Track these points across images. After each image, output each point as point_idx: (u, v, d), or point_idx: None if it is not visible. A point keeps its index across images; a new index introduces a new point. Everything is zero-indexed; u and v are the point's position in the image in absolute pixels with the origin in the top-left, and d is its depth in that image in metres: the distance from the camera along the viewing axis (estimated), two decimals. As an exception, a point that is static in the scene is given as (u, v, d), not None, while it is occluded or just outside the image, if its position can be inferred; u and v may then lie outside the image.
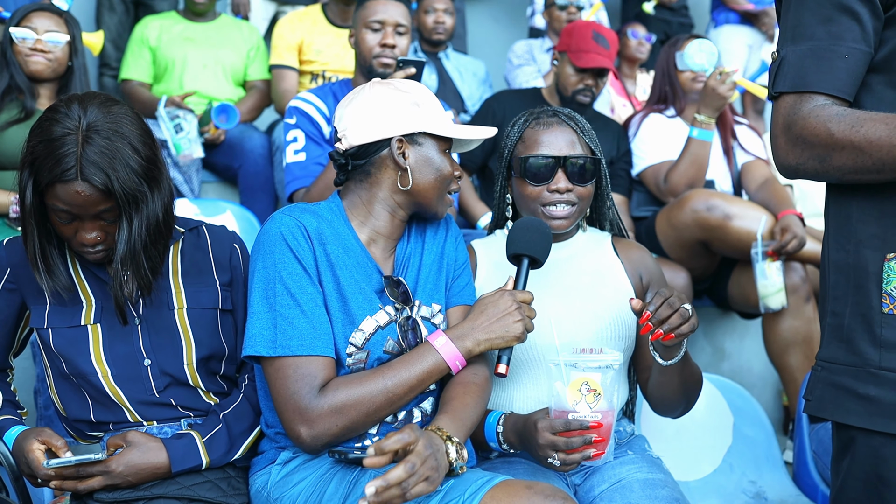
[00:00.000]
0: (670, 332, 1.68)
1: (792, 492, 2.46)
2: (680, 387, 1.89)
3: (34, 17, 3.08)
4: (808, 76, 1.40)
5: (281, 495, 1.71)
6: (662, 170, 3.37)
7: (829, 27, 1.40)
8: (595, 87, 3.39)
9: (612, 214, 2.07)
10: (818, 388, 1.47)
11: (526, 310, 1.75)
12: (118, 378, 1.78)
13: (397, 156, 1.77)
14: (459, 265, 1.91)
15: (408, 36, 3.04)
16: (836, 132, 1.36)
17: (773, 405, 3.61)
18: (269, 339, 1.66)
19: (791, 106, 1.42)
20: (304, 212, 1.76)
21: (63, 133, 1.61)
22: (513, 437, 1.81)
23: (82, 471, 1.68)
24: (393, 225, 1.83)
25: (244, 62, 4.09)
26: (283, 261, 1.69)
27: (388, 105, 1.77)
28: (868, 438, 1.40)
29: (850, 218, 1.44)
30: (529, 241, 1.81)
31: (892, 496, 1.39)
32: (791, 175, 1.46)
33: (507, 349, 1.74)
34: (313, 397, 1.62)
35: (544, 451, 1.71)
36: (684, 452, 2.47)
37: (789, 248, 3.00)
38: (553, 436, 1.70)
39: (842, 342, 1.44)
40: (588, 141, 1.95)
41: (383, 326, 1.74)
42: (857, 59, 1.40)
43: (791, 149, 1.42)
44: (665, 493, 1.78)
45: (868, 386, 1.39)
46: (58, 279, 1.74)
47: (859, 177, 1.38)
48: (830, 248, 1.48)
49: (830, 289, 1.48)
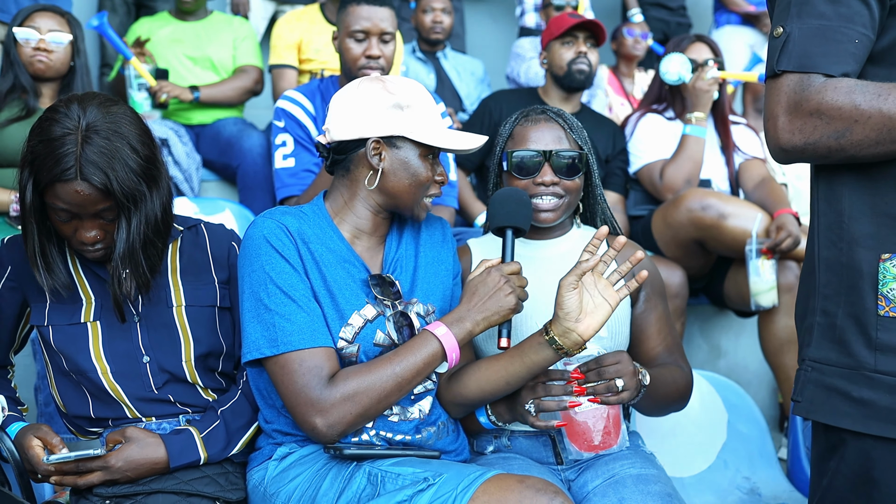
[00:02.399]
0: (595, 396, 1.76)
1: (786, 488, 2.47)
2: (654, 406, 1.98)
3: (37, 17, 3.10)
4: (815, 57, 1.33)
5: (277, 490, 1.73)
6: (658, 168, 3.39)
7: (838, 7, 1.33)
8: (589, 54, 3.40)
9: (606, 212, 2.08)
10: (808, 390, 1.43)
11: (516, 279, 1.75)
12: (117, 375, 1.80)
13: (371, 157, 1.77)
14: (455, 275, 1.94)
15: (394, 42, 2.97)
16: (861, 103, 1.29)
17: (768, 402, 3.62)
18: (269, 338, 1.67)
19: (797, 83, 1.34)
20: (285, 214, 1.77)
21: (62, 133, 1.63)
22: (502, 406, 1.84)
23: (82, 466, 1.70)
24: (374, 222, 1.83)
25: (231, 53, 4.06)
26: (270, 262, 1.70)
27: (369, 104, 1.77)
28: (859, 441, 1.37)
29: (842, 215, 1.39)
30: (510, 212, 1.80)
31: (880, 497, 1.37)
32: (792, 158, 1.38)
33: (506, 322, 1.75)
34: (324, 388, 1.64)
35: (523, 398, 1.76)
36: (679, 449, 2.48)
37: (784, 246, 3.01)
38: (531, 385, 1.76)
39: (834, 343, 1.40)
40: (576, 137, 1.97)
41: (371, 320, 1.75)
42: (864, 46, 1.34)
43: (799, 128, 1.34)
44: (658, 489, 1.79)
45: (862, 389, 1.35)
46: (57, 277, 1.76)
47: (878, 150, 1.31)
48: (820, 245, 1.43)
49: (821, 287, 1.43)
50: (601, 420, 1.78)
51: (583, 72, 3.39)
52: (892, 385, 1.33)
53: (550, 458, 1.93)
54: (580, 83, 3.40)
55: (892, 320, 1.34)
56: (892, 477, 1.36)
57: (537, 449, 1.93)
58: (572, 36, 3.41)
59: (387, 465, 1.65)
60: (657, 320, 2.01)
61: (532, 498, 1.51)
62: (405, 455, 1.70)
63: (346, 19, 2.95)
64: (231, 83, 3.98)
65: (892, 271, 1.34)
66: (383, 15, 2.93)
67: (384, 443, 1.75)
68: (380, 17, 2.92)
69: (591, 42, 3.43)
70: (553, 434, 1.92)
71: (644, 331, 2.01)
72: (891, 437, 1.34)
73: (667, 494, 1.79)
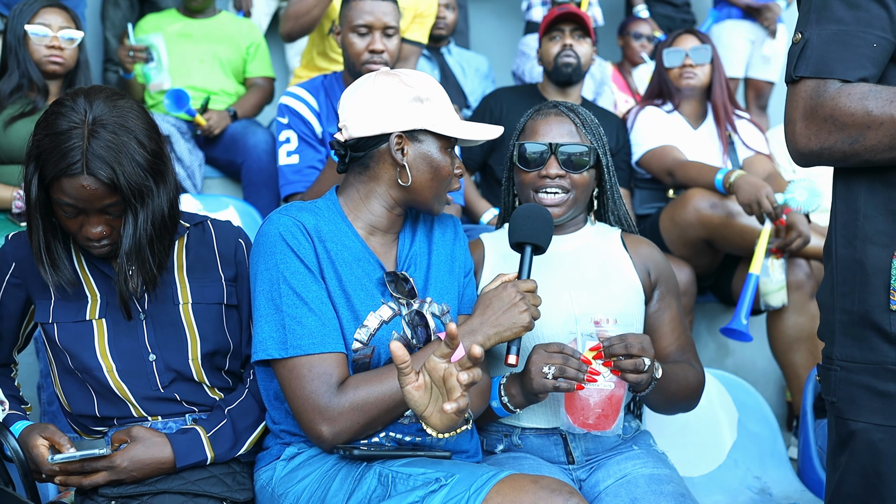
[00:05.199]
0: (616, 370, 1.74)
1: (797, 487, 2.45)
2: (664, 404, 1.97)
3: (45, 13, 3.06)
4: (832, 62, 1.37)
5: (286, 491, 1.71)
6: (663, 154, 3.36)
7: (857, 12, 1.36)
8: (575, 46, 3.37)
9: (620, 210, 2.07)
10: (841, 389, 1.45)
11: (531, 298, 1.75)
12: (123, 373, 1.78)
13: (395, 152, 1.75)
14: (467, 272, 1.92)
15: (397, 36, 2.95)
16: (874, 109, 1.33)
17: (776, 401, 3.60)
18: (279, 340, 1.65)
19: (813, 89, 1.38)
20: (302, 210, 1.75)
21: (69, 127, 1.61)
22: (513, 387, 1.81)
23: (87, 466, 1.68)
24: (390, 219, 1.82)
25: (243, 58, 4.09)
26: (285, 261, 1.68)
27: (389, 99, 1.75)
28: (867, 434, 1.40)
29: (858, 213, 1.43)
30: (531, 228, 1.80)
31: (888, 492, 1.39)
32: (810, 162, 1.42)
33: (516, 339, 1.74)
34: (332, 395, 1.62)
35: (537, 364, 1.73)
36: (689, 448, 2.46)
37: (794, 246, 2.99)
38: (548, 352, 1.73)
39: (855, 340, 1.43)
40: (587, 132, 1.96)
41: (387, 321, 1.73)
42: (884, 49, 1.37)
43: (815, 133, 1.38)
44: (670, 489, 1.79)
45: (888, 383, 1.38)
46: (63, 274, 1.74)
47: (892, 154, 1.34)
48: (837, 244, 1.46)
49: (838, 285, 1.46)
50: (603, 401, 1.76)
51: (569, 65, 3.37)
52: None
53: (562, 456, 1.91)
54: (567, 76, 3.38)
55: None
56: None
57: (548, 448, 1.91)
58: (558, 29, 3.41)
59: (397, 465, 1.62)
60: (670, 319, 2.00)
61: (547, 498, 1.49)
62: (416, 455, 1.67)
63: (348, 14, 2.93)
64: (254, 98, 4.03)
65: None
66: (386, 9, 2.91)
67: (393, 443, 1.73)
68: (382, 12, 2.90)
69: (578, 34, 3.40)
70: (564, 432, 1.90)
71: (657, 329, 2.00)
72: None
73: (680, 494, 1.78)
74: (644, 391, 1.81)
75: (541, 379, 1.72)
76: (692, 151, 3.40)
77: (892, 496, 1.39)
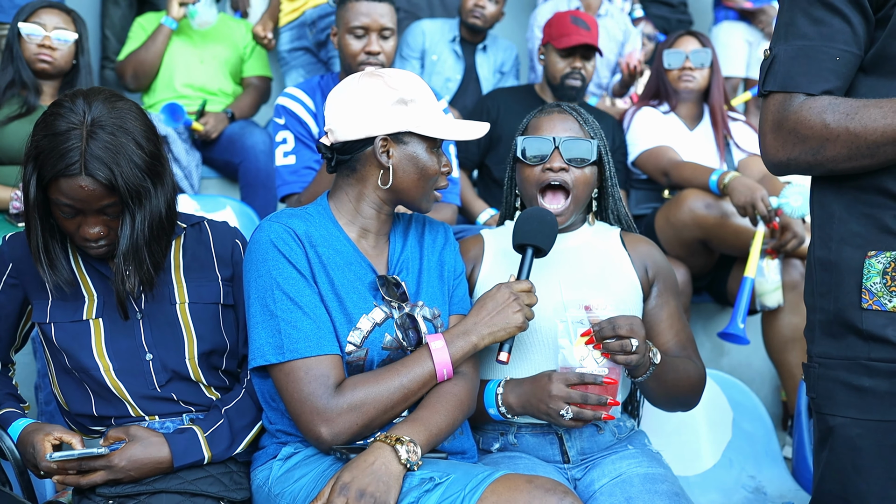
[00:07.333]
0: (606, 352, 1.75)
1: (791, 486, 2.46)
2: (664, 395, 1.96)
3: (43, 13, 3.07)
4: (797, 77, 1.43)
5: (282, 491, 1.71)
6: (659, 154, 3.37)
7: (820, 28, 1.42)
8: (583, 69, 3.38)
9: (620, 210, 2.08)
10: (820, 385, 1.50)
11: (525, 298, 1.78)
12: (120, 372, 1.78)
13: (380, 154, 1.76)
14: (457, 275, 1.92)
15: (394, 38, 2.94)
16: (831, 122, 1.39)
17: (771, 401, 3.61)
18: (276, 345, 1.66)
19: (780, 103, 1.45)
20: (292, 216, 1.76)
21: (68, 128, 1.62)
22: (513, 398, 1.83)
23: (84, 465, 1.69)
24: (380, 221, 1.83)
25: (240, 58, 4.09)
26: (277, 267, 1.69)
27: (373, 102, 1.75)
28: (845, 429, 1.45)
29: (833, 216, 1.48)
30: (534, 231, 1.83)
31: (867, 487, 1.43)
32: (782, 171, 1.49)
33: (510, 338, 1.77)
34: (330, 396, 1.63)
35: (556, 402, 1.75)
36: (684, 447, 2.47)
37: (789, 246, 3.00)
38: (567, 388, 1.74)
39: (832, 338, 1.48)
40: (589, 130, 1.99)
41: (380, 324, 1.74)
42: (847, 62, 1.43)
43: (782, 145, 1.45)
44: (665, 488, 1.79)
45: (862, 378, 1.43)
46: (60, 273, 1.75)
47: (853, 164, 1.41)
48: (815, 246, 1.52)
49: (817, 286, 1.51)
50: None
51: (574, 87, 3.39)
52: (888, 371, 1.41)
53: (557, 456, 1.92)
54: (570, 97, 3.39)
55: (875, 313, 1.42)
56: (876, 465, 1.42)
57: (543, 447, 1.92)
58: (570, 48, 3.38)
59: (394, 465, 1.63)
60: (669, 316, 2.01)
61: (541, 498, 1.50)
62: None
63: (345, 15, 2.92)
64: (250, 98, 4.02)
65: (876, 267, 1.42)
66: (383, 11, 2.91)
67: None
68: (379, 13, 2.90)
69: (588, 55, 3.40)
70: (560, 432, 1.91)
71: (655, 326, 2.01)
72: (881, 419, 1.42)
73: (674, 494, 1.79)
74: (642, 376, 1.82)
75: (557, 417, 1.76)
76: (688, 152, 3.41)
77: (870, 491, 1.43)
